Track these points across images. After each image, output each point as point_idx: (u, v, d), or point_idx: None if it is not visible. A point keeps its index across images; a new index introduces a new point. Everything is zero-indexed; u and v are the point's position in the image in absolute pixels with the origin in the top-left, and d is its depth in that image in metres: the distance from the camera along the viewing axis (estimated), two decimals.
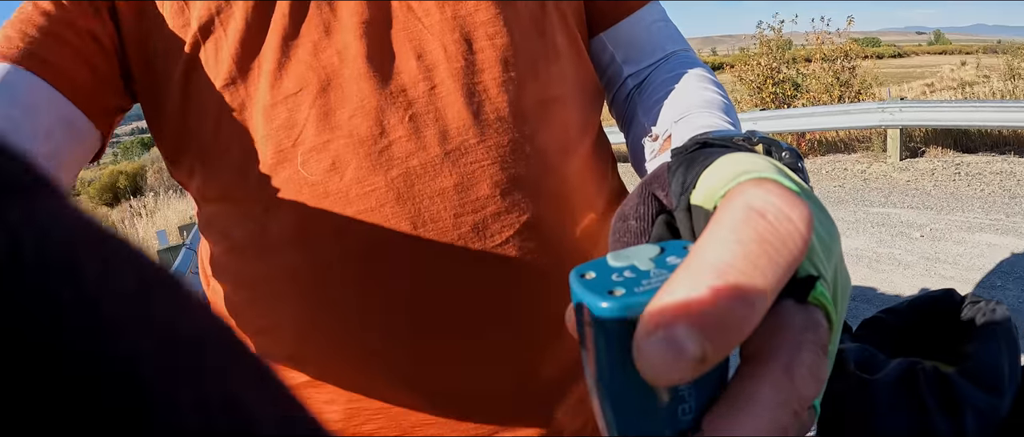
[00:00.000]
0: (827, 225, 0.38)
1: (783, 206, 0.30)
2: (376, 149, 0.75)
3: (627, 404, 0.31)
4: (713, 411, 0.31)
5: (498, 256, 0.79)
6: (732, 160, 0.39)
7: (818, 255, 0.35)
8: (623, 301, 0.30)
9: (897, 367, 0.78)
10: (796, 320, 0.32)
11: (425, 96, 0.76)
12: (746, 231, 0.29)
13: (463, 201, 0.77)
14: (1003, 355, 0.76)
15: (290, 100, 0.75)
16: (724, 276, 0.28)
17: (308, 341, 0.82)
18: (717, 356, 0.28)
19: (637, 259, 0.33)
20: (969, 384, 0.74)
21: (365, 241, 0.76)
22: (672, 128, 0.77)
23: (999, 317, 0.80)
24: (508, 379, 0.84)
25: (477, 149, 0.77)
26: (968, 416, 0.73)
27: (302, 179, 0.75)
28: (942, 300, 0.92)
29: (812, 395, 0.31)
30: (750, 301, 0.28)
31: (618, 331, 0.30)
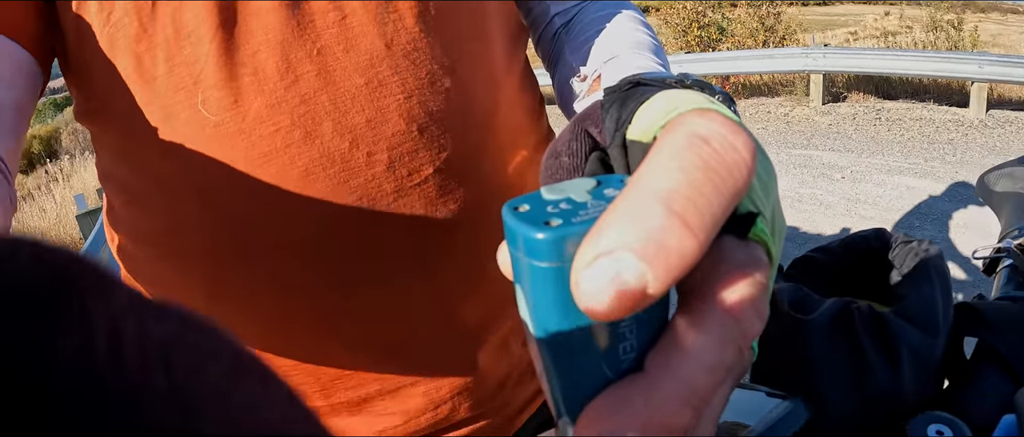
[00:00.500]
0: (766, 165, 0.37)
1: (727, 134, 0.29)
2: (282, 85, 0.70)
3: (566, 344, 0.30)
4: (656, 349, 0.30)
5: (416, 196, 0.76)
6: (670, 95, 0.38)
7: (758, 193, 0.34)
8: (560, 231, 0.28)
9: (832, 307, 0.77)
10: (738, 256, 0.31)
11: (335, 27, 0.72)
12: (690, 158, 0.28)
13: (376, 138, 0.73)
14: (937, 295, 0.75)
15: (189, 36, 0.69)
16: (667, 203, 0.27)
17: (219, 297, 0.78)
18: (659, 287, 0.26)
19: (573, 192, 0.31)
20: (905, 323, 0.74)
21: (271, 185, 0.72)
22: (602, 68, 0.76)
23: (932, 257, 0.79)
24: (429, 326, 0.83)
25: (391, 82, 0.73)
26: (904, 355, 0.73)
27: (203, 120, 0.70)
28: (875, 240, 0.92)
29: (755, 331, 0.30)
30: (694, 230, 0.26)
31: (554, 266, 0.28)
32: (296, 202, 0.72)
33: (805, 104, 8.85)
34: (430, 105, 0.75)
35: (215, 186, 0.73)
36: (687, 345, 0.29)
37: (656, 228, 0.26)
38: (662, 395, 0.28)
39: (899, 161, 6.51)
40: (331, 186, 0.73)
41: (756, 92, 9.87)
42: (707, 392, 0.29)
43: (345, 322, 0.79)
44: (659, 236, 0.26)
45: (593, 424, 0.29)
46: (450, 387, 0.87)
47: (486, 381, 0.89)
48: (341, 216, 0.74)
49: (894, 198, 5.67)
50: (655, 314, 0.30)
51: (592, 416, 0.29)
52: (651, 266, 0.26)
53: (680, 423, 0.28)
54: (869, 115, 8.08)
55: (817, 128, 7.89)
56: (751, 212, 0.32)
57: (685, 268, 0.26)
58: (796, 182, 6.23)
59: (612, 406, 0.29)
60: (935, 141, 7.00)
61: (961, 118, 7.60)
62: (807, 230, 5.23)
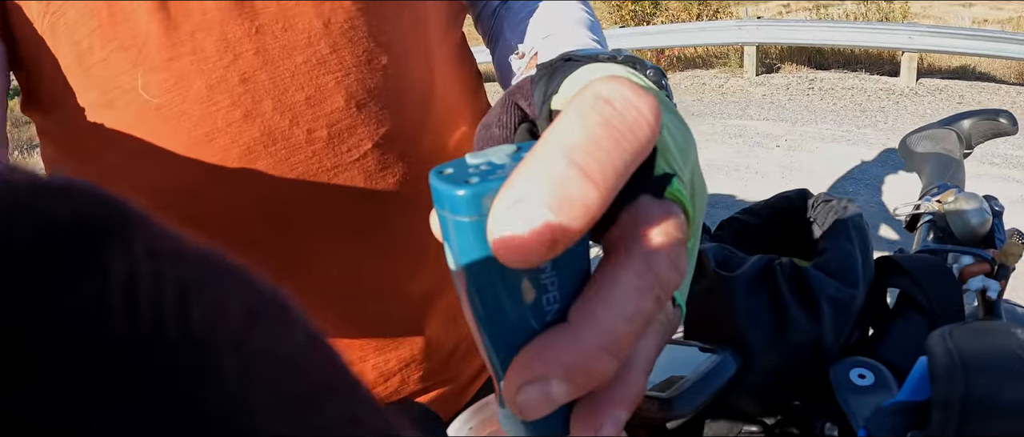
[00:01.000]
0: (683, 132, 0.39)
1: (630, 95, 0.30)
2: (221, 65, 0.70)
3: (492, 297, 0.31)
4: (578, 300, 0.31)
5: (356, 171, 0.76)
6: (593, 67, 0.40)
7: (674, 157, 0.35)
8: (478, 187, 0.29)
9: (755, 264, 0.79)
10: (653, 211, 0.33)
11: (273, 5, 0.71)
12: (592, 116, 0.29)
13: (316, 115, 0.73)
14: (855, 249, 0.78)
15: (127, 19, 0.68)
16: (569, 156, 0.28)
17: None
18: (565, 233, 0.28)
19: (494, 156, 0.32)
20: (824, 276, 0.76)
21: (214, 164, 0.72)
22: (539, 45, 0.77)
23: (850, 214, 0.82)
24: (375, 300, 0.83)
25: (329, 60, 0.73)
26: (824, 307, 0.75)
27: (144, 103, 0.70)
28: (796, 200, 0.94)
29: (673, 282, 0.31)
30: (595, 180, 0.28)
31: (474, 219, 0.30)
32: (239, 180, 0.72)
33: (739, 75, 8.90)
34: (368, 82, 0.75)
35: (159, 169, 0.72)
36: (606, 295, 0.30)
37: (560, 178, 0.27)
38: (583, 343, 0.30)
39: (832, 129, 6.59)
40: (273, 163, 0.73)
41: (691, 65, 9.90)
42: (626, 340, 0.30)
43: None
44: (563, 186, 0.27)
45: (520, 373, 0.30)
46: (398, 360, 0.87)
47: (435, 353, 0.90)
48: (283, 193, 0.74)
49: (828, 165, 5.74)
50: (575, 267, 0.32)
51: (518, 365, 0.31)
52: (556, 213, 0.27)
53: (601, 369, 0.30)
54: (802, 85, 8.16)
55: (751, 99, 7.95)
56: (667, 173, 0.34)
57: (590, 216, 0.28)
58: (732, 152, 6.28)
59: (536, 355, 0.30)
60: (867, 109, 7.09)
61: (892, 87, 7.70)
62: (743, 198, 5.28)
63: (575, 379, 0.29)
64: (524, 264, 0.28)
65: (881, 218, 4.62)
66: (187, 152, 0.71)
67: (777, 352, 0.75)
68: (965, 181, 1.31)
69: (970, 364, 0.53)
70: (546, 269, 0.31)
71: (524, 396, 0.30)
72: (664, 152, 0.34)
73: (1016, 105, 6.73)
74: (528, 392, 0.30)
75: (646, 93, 0.30)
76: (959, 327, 0.59)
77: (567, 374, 0.29)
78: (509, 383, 0.30)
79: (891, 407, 0.59)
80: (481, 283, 0.31)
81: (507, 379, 0.31)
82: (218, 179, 0.72)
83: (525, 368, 0.30)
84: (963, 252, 1.06)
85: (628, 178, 0.30)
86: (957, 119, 1.45)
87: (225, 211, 0.74)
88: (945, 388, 0.52)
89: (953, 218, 1.12)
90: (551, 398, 0.30)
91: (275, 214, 0.75)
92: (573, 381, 0.30)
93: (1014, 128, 1.40)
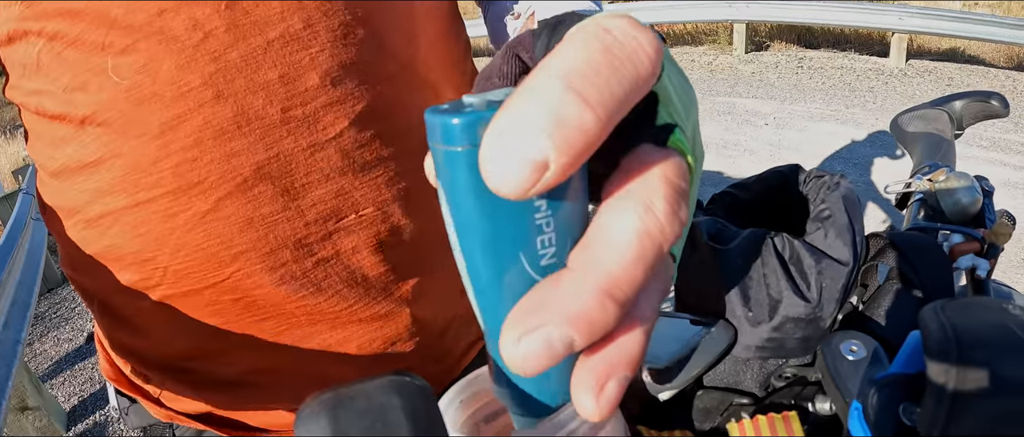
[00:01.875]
0: (686, 89, 0.38)
1: (630, 27, 0.29)
2: (190, 44, 0.68)
3: (484, 239, 0.30)
4: (577, 246, 0.30)
5: (332, 150, 0.75)
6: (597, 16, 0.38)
7: (677, 110, 0.35)
8: (472, 115, 0.29)
9: (747, 237, 0.79)
10: (655, 158, 0.31)
11: None
12: (592, 43, 0.28)
13: (290, 94, 0.72)
14: (846, 224, 0.78)
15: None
16: (565, 80, 0.27)
17: (150, 264, 0.77)
18: (560, 159, 0.27)
19: (492, 95, 0.32)
20: (816, 251, 0.77)
21: (186, 147, 0.71)
22: (535, 5, 0.75)
23: (843, 189, 0.82)
24: (361, 281, 0.82)
25: (302, 35, 0.71)
26: (816, 281, 0.76)
27: (115, 86, 0.69)
28: (789, 175, 0.95)
29: (674, 230, 0.30)
30: (592, 105, 0.27)
31: (467, 149, 0.29)
32: (213, 162, 0.71)
33: (728, 53, 8.89)
34: (343, 57, 0.73)
35: (134, 152, 0.71)
36: (608, 238, 0.29)
37: (555, 101, 0.26)
38: (584, 288, 0.28)
39: (821, 108, 6.59)
40: (247, 144, 0.71)
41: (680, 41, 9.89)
42: (630, 285, 0.29)
43: (275, 282, 0.78)
44: (558, 109, 0.26)
45: (519, 322, 0.29)
46: (384, 339, 0.87)
47: (425, 332, 0.89)
48: (261, 174, 0.73)
49: (816, 144, 5.75)
50: (573, 209, 0.31)
51: (517, 315, 0.29)
52: (551, 138, 0.26)
53: (602, 318, 0.28)
54: (791, 64, 8.15)
55: (740, 76, 7.95)
56: (669, 123, 0.33)
57: (586, 143, 0.27)
58: (721, 129, 6.29)
59: (535, 303, 0.29)
60: (856, 89, 7.09)
61: (881, 67, 7.70)
62: (731, 174, 5.30)
63: (578, 327, 0.28)
64: (518, 193, 0.27)
65: (869, 197, 4.64)
66: (160, 134, 0.70)
67: (769, 326, 0.76)
68: (956, 161, 1.32)
69: (963, 338, 0.53)
70: (542, 207, 0.30)
71: (523, 347, 0.28)
72: (667, 103, 0.34)
73: (1005, 88, 6.75)
74: (528, 343, 0.28)
75: (647, 29, 0.30)
76: (951, 302, 0.59)
77: (569, 322, 0.28)
78: (507, 335, 0.29)
79: (883, 380, 0.60)
80: (474, 221, 0.30)
81: (505, 330, 0.29)
82: (192, 162, 0.71)
83: (524, 318, 0.29)
84: (953, 230, 1.06)
85: (627, 111, 0.29)
86: (949, 100, 1.45)
87: (200, 195, 0.73)
88: (939, 361, 0.53)
89: (944, 197, 1.13)
90: (553, 349, 0.28)
91: (251, 196, 0.73)
92: (576, 329, 0.28)
93: (1005, 110, 1.40)
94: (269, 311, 0.80)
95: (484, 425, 0.46)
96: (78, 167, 0.74)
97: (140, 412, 0.95)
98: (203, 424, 0.91)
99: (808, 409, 0.75)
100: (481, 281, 0.32)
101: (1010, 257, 4.06)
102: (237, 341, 0.82)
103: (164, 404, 0.91)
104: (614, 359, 0.30)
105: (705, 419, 0.80)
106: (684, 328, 0.79)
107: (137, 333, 0.85)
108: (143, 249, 0.76)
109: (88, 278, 0.84)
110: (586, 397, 0.30)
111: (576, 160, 0.27)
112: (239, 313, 0.80)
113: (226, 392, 0.88)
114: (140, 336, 0.85)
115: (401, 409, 0.33)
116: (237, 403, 0.89)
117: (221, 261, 0.76)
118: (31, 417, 3.23)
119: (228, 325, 0.80)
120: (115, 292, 0.80)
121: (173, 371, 0.87)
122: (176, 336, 0.83)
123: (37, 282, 3.25)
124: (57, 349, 4.14)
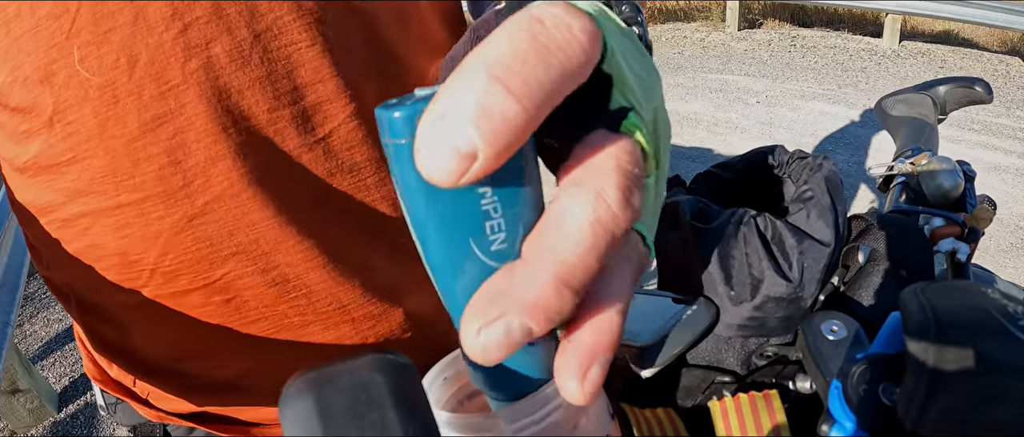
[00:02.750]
0: (647, 68, 0.38)
1: (563, 15, 0.29)
2: (169, 37, 0.62)
3: (434, 227, 0.31)
4: (531, 235, 0.31)
5: (323, 150, 0.72)
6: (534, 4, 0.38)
7: (632, 92, 0.34)
8: (411, 107, 0.29)
9: (730, 216, 0.80)
10: (607, 144, 0.32)
11: None
12: (520, 33, 0.28)
13: (278, 91, 0.67)
14: (828, 205, 0.79)
15: None
16: (491, 69, 0.27)
17: (136, 265, 0.73)
18: (487, 150, 0.27)
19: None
20: (799, 231, 0.77)
21: (169, 150, 0.66)
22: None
23: (825, 170, 0.83)
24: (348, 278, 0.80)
25: (292, 28, 0.66)
26: (798, 261, 0.76)
27: (85, 82, 0.62)
28: (772, 155, 0.96)
29: (626, 217, 0.30)
30: (517, 95, 0.27)
31: (408, 141, 0.29)
32: (196, 165, 0.67)
33: (721, 30, 8.85)
34: (335, 52, 0.70)
35: (108, 156, 0.66)
36: (558, 227, 0.30)
37: (479, 92, 0.27)
38: (539, 278, 0.29)
39: (813, 87, 6.59)
40: (234, 146, 0.67)
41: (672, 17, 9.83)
42: (584, 274, 0.29)
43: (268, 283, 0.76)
44: (483, 100, 0.27)
45: (477, 314, 0.29)
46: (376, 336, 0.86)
47: (418, 326, 0.89)
48: (248, 177, 0.69)
49: (808, 123, 5.76)
50: (521, 194, 0.31)
51: (474, 307, 0.30)
52: (477, 128, 0.27)
53: (558, 306, 0.29)
54: (784, 42, 8.13)
55: (733, 53, 7.93)
56: (623, 107, 0.34)
57: (512, 133, 0.27)
58: (712, 106, 6.28)
59: (492, 294, 0.30)
60: (849, 69, 7.08)
61: (875, 48, 7.69)
62: (722, 152, 5.29)
63: (536, 316, 0.29)
64: (448, 182, 0.27)
65: (860, 178, 4.66)
66: (141, 135, 0.65)
67: (751, 305, 0.77)
68: (939, 146, 1.32)
69: (943, 320, 0.54)
70: (487, 193, 0.30)
71: (483, 338, 0.29)
72: (621, 86, 0.34)
73: (998, 72, 6.76)
74: (487, 334, 0.29)
75: (582, 14, 0.30)
76: (931, 284, 0.60)
77: (527, 311, 0.29)
78: (467, 326, 0.29)
79: (863, 359, 0.61)
80: (422, 210, 0.31)
81: (465, 322, 0.30)
82: (173, 167, 0.67)
83: (483, 308, 0.29)
84: (934, 214, 1.07)
85: (560, 99, 0.29)
86: (933, 85, 1.46)
87: (188, 196, 0.69)
88: (918, 342, 0.54)
89: (926, 180, 1.14)
90: (512, 338, 0.29)
91: (236, 206, 0.70)
92: (534, 318, 0.29)
93: (989, 96, 1.41)
94: (262, 312, 0.78)
95: (467, 402, 0.47)
96: (49, 165, 0.68)
97: (128, 410, 0.93)
98: (195, 423, 0.90)
99: (789, 387, 0.76)
100: (438, 269, 0.32)
101: (998, 242, 4.09)
102: (228, 341, 0.80)
103: (153, 405, 0.89)
104: (594, 343, 0.31)
105: (687, 397, 0.81)
106: (667, 306, 0.80)
107: (122, 330, 0.82)
108: (128, 251, 0.72)
109: (63, 276, 0.81)
110: (571, 382, 0.30)
111: (504, 149, 0.27)
112: (230, 314, 0.77)
113: (217, 394, 0.86)
114: (125, 334, 0.82)
115: (385, 386, 0.34)
116: (228, 403, 0.87)
117: (211, 263, 0.73)
118: (22, 399, 3.22)
119: (218, 324, 0.78)
120: (95, 291, 0.77)
121: (162, 373, 0.85)
122: (164, 335, 0.80)
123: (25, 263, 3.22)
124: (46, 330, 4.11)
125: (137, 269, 0.73)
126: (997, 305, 0.56)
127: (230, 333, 0.79)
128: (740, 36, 8.49)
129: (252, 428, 0.90)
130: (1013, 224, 4.26)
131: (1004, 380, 0.51)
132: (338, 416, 0.32)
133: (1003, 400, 0.51)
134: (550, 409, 0.37)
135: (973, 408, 0.51)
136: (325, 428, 0.32)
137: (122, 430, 1.77)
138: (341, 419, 0.32)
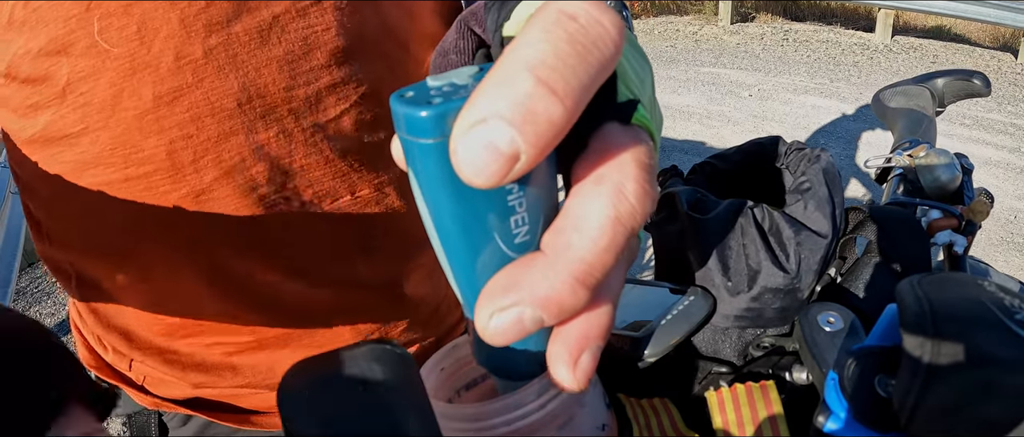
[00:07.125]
0: (640, 60, 0.39)
1: (594, 11, 0.29)
2: (191, 12, 0.62)
3: (458, 222, 0.31)
4: (550, 230, 0.31)
5: (333, 131, 0.72)
6: None
7: (634, 83, 0.35)
8: (440, 107, 0.29)
9: (727, 207, 0.80)
10: (623, 139, 0.32)
11: None
12: (557, 31, 0.28)
13: (295, 72, 0.68)
14: (825, 196, 0.79)
15: None
16: (534, 71, 0.27)
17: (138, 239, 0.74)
18: (532, 152, 0.27)
19: (456, 77, 0.32)
20: (796, 222, 0.77)
21: (182, 123, 0.66)
22: None
23: (823, 162, 0.83)
24: (349, 261, 0.81)
25: (310, 11, 0.67)
26: (795, 252, 0.76)
27: (102, 51, 0.62)
28: (769, 146, 0.96)
29: (645, 211, 0.31)
30: (561, 95, 0.27)
31: (438, 141, 0.29)
32: (211, 140, 0.68)
33: (714, 23, 8.86)
34: (350, 36, 0.70)
35: (122, 126, 0.66)
36: (580, 225, 0.30)
37: (524, 94, 0.27)
38: (557, 274, 0.30)
39: (805, 81, 6.60)
40: (247, 123, 0.68)
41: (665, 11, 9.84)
42: (601, 271, 0.30)
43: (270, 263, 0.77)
44: (527, 102, 0.27)
45: (492, 300, 0.30)
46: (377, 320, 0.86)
47: (416, 311, 0.89)
48: (258, 154, 0.70)
49: (800, 116, 5.77)
50: (544, 189, 0.32)
51: (490, 293, 0.30)
52: (520, 131, 0.27)
53: (573, 302, 0.30)
54: (777, 36, 8.15)
55: (725, 47, 7.94)
56: (632, 99, 0.34)
57: (555, 134, 0.27)
58: (705, 99, 6.28)
59: (509, 283, 0.30)
60: (841, 63, 7.10)
61: (867, 42, 7.71)
62: (714, 145, 5.30)
63: (549, 310, 0.29)
64: (489, 184, 0.28)
65: (850, 171, 4.67)
66: (154, 108, 0.65)
67: (747, 296, 0.77)
68: (936, 138, 1.33)
69: (939, 312, 0.54)
70: (514, 190, 0.30)
71: (495, 323, 0.30)
72: (624, 78, 0.34)
73: (990, 68, 6.77)
74: (499, 320, 0.30)
75: (609, 9, 0.30)
76: (928, 276, 0.60)
77: (541, 305, 0.29)
78: (481, 311, 0.30)
79: (859, 351, 0.61)
80: (447, 207, 0.31)
81: (479, 307, 0.30)
82: (186, 141, 0.67)
83: (498, 295, 0.30)
84: (932, 206, 1.08)
85: (592, 95, 0.29)
86: (931, 77, 1.46)
87: (197, 171, 0.69)
88: (914, 334, 0.53)
89: (923, 172, 1.14)
90: (523, 326, 0.30)
91: (247, 181, 0.71)
92: (547, 311, 0.29)
93: (987, 90, 1.41)
94: (262, 291, 0.78)
95: (465, 392, 0.47)
96: (58, 137, 0.68)
97: (122, 399, 0.93)
98: (190, 409, 0.90)
99: (785, 378, 0.76)
100: (457, 260, 0.32)
101: (988, 236, 4.10)
102: (226, 320, 0.80)
103: (148, 391, 0.89)
104: (586, 332, 0.31)
105: (684, 387, 0.81)
106: (664, 297, 0.80)
107: (119, 305, 0.82)
108: (132, 225, 0.73)
109: (64, 251, 0.81)
110: (563, 370, 0.31)
111: (546, 149, 0.28)
112: (230, 292, 0.78)
113: (212, 374, 0.86)
114: (123, 309, 0.82)
115: (383, 375, 0.34)
116: (224, 385, 0.87)
117: (215, 240, 0.74)
118: None
119: (218, 303, 0.79)
120: (95, 263, 0.78)
121: (157, 351, 0.85)
122: (162, 309, 0.81)
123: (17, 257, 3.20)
124: None
125: (140, 243, 0.74)
126: (994, 299, 0.55)
127: (229, 310, 0.80)
128: (733, 30, 8.50)
129: (251, 416, 0.90)
130: (1003, 219, 4.28)
131: (999, 374, 0.51)
132: (337, 406, 0.32)
133: (998, 394, 0.50)
134: (547, 398, 0.38)
135: (968, 402, 0.51)
136: (324, 418, 0.32)
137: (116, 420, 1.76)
138: (340, 409, 0.32)
